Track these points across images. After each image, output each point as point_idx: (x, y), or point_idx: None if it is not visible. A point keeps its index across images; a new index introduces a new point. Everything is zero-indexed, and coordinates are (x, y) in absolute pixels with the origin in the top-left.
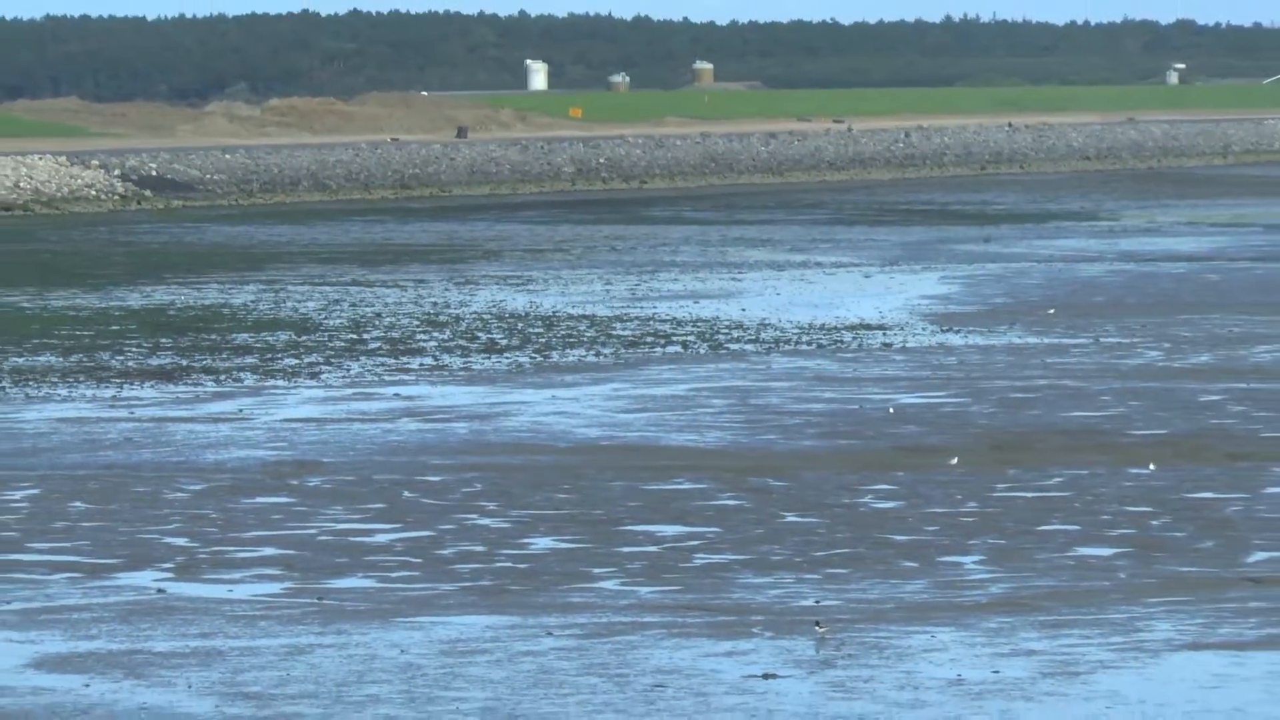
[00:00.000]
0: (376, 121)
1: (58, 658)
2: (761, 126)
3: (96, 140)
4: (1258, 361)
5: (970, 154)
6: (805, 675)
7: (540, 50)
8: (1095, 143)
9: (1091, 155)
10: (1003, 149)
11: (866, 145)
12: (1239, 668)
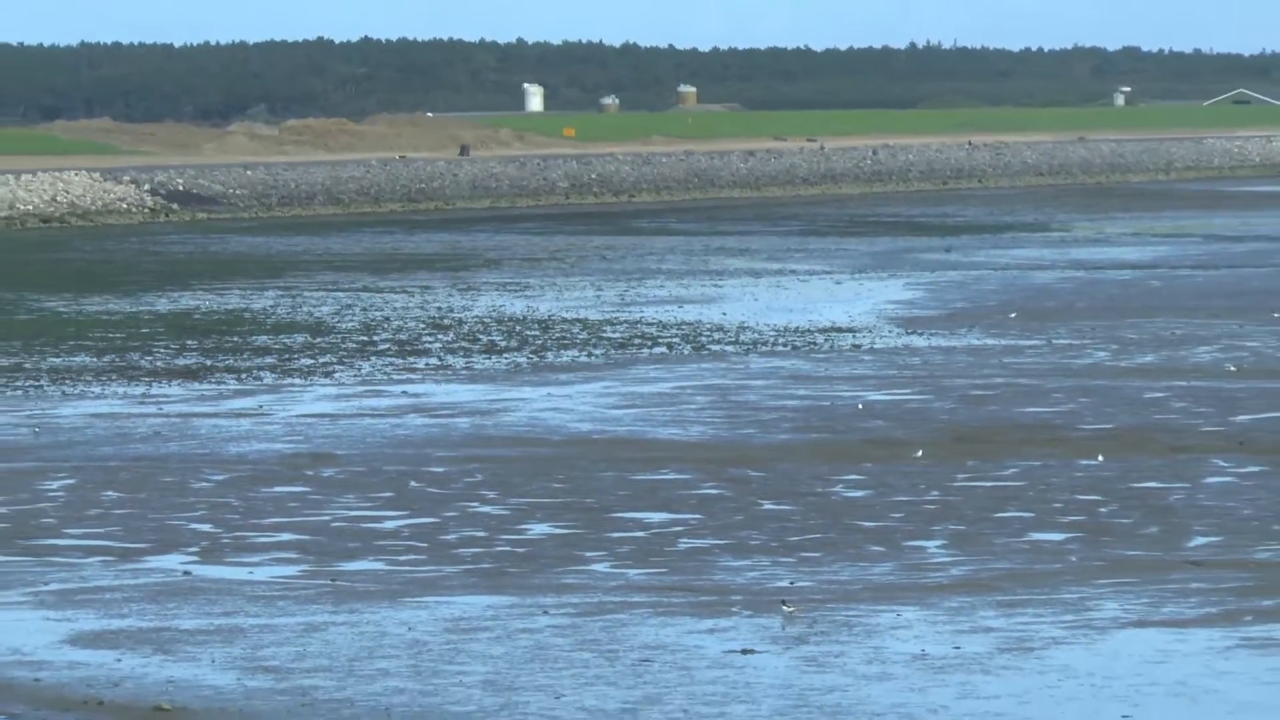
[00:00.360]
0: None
1: (91, 634)
2: (741, 145)
3: (127, 158)
4: (1198, 361)
5: (933, 170)
6: (781, 651)
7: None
8: (1048, 160)
9: (1044, 171)
10: (963, 166)
11: (837, 162)
12: (1181, 644)
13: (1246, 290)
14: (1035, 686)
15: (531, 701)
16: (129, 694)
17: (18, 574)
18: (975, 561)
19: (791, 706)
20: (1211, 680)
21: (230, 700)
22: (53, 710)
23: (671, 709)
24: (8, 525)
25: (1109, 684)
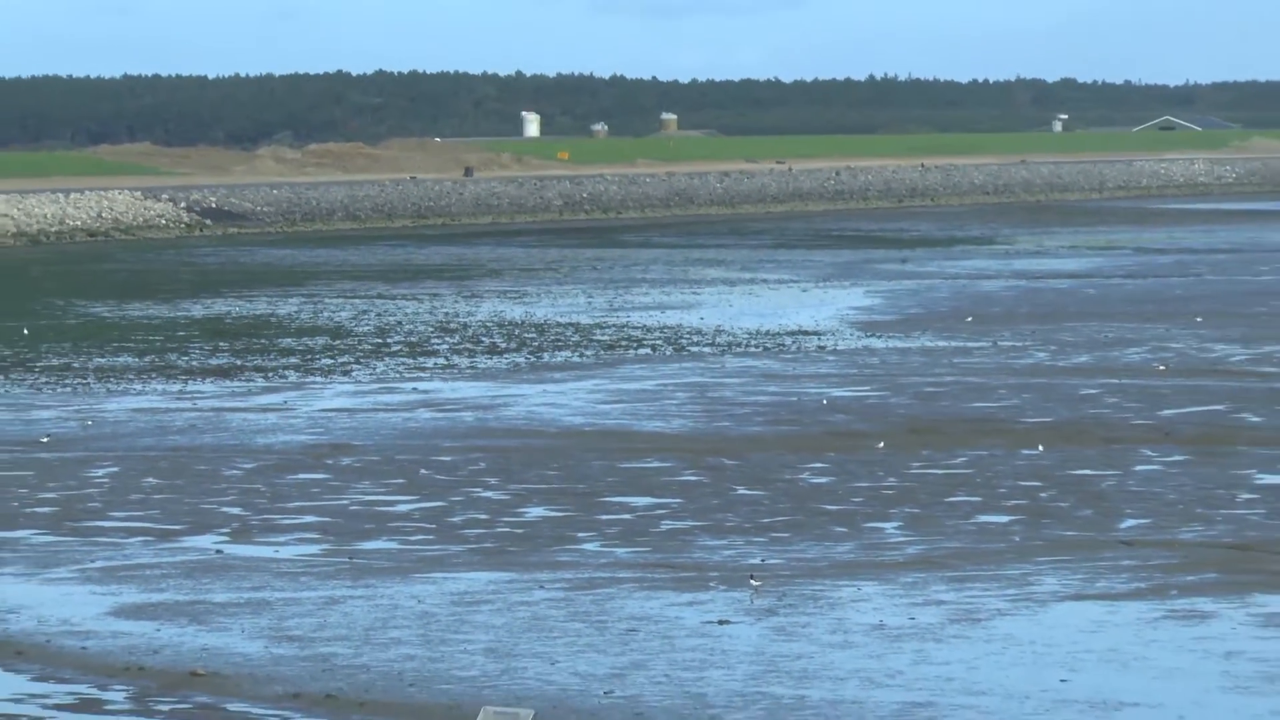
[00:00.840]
0: (398, 163)
1: (133, 607)
2: (717, 167)
3: (165, 178)
4: (1128, 361)
5: (890, 189)
6: (753, 622)
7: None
8: (993, 180)
9: (990, 191)
10: (917, 185)
11: (804, 182)
12: (1113, 615)
13: (1172, 297)
14: (982, 654)
15: (529, 667)
16: (167, 660)
17: (67, 553)
18: (928, 541)
19: (763, 671)
20: (1140, 648)
21: (258, 666)
22: (98, 675)
23: (655, 674)
24: (58, 509)
25: (1048, 651)
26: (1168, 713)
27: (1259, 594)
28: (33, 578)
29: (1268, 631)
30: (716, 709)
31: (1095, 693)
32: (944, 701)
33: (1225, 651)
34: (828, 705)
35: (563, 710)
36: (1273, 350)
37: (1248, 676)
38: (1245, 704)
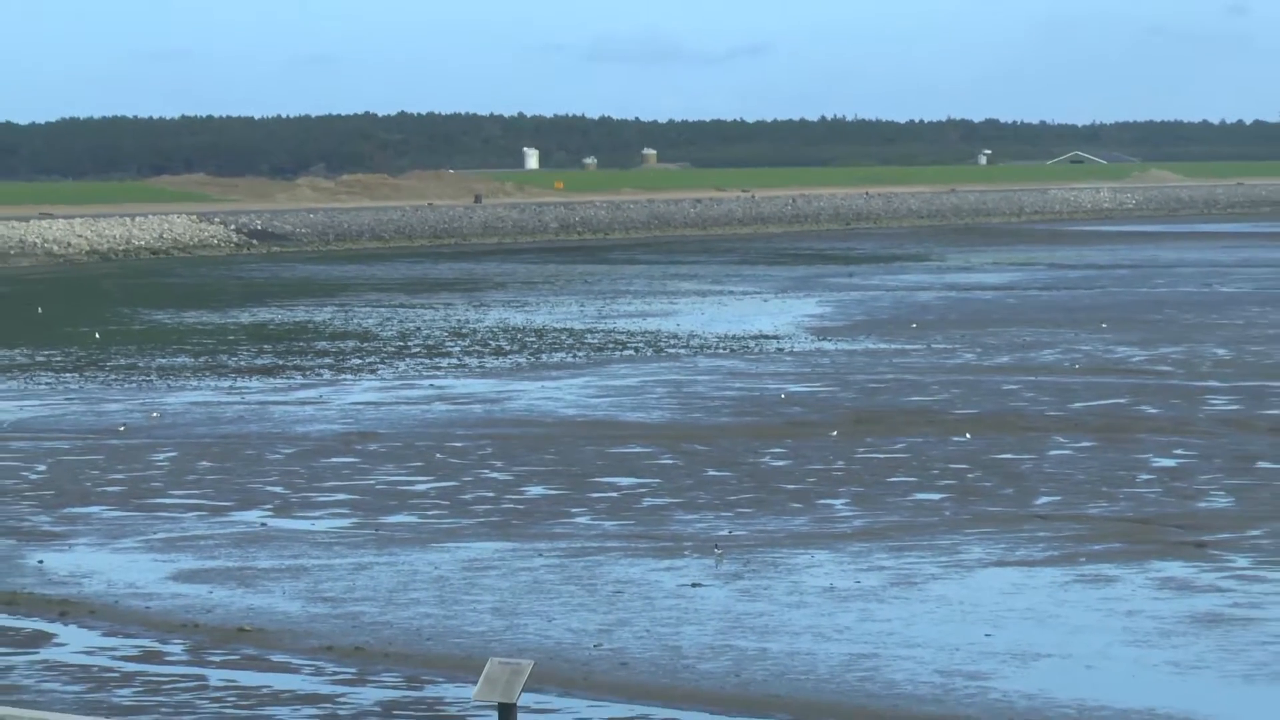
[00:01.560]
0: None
1: (190, 572)
2: (690, 194)
3: (217, 204)
4: (1043, 361)
5: (839, 214)
6: (722, 585)
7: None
8: (927, 206)
9: (925, 215)
10: (862, 210)
11: (765, 208)
12: (1030, 579)
13: (1080, 306)
14: (918, 612)
15: (529, 623)
16: (218, 618)
17: (132, 526)
18: (872, 515)
19: (729, 627)
20: (1054, 607)
21: (297, 623)
22: (160, 631)
23: (637, 629)
24: (125, 488)
25: (975, 610)
26: (1077, 663)
27: (1156, 561)
28: (103, 547)
29: (1163, 593)
30: (690, 659)
31: (1015, 646)
32: (885, 653)
33: (1127, 610)
34: (785, 656)
35: (559, 661)
36: (1167, 351)
37: (1146, 632)
38: (1144, 655)
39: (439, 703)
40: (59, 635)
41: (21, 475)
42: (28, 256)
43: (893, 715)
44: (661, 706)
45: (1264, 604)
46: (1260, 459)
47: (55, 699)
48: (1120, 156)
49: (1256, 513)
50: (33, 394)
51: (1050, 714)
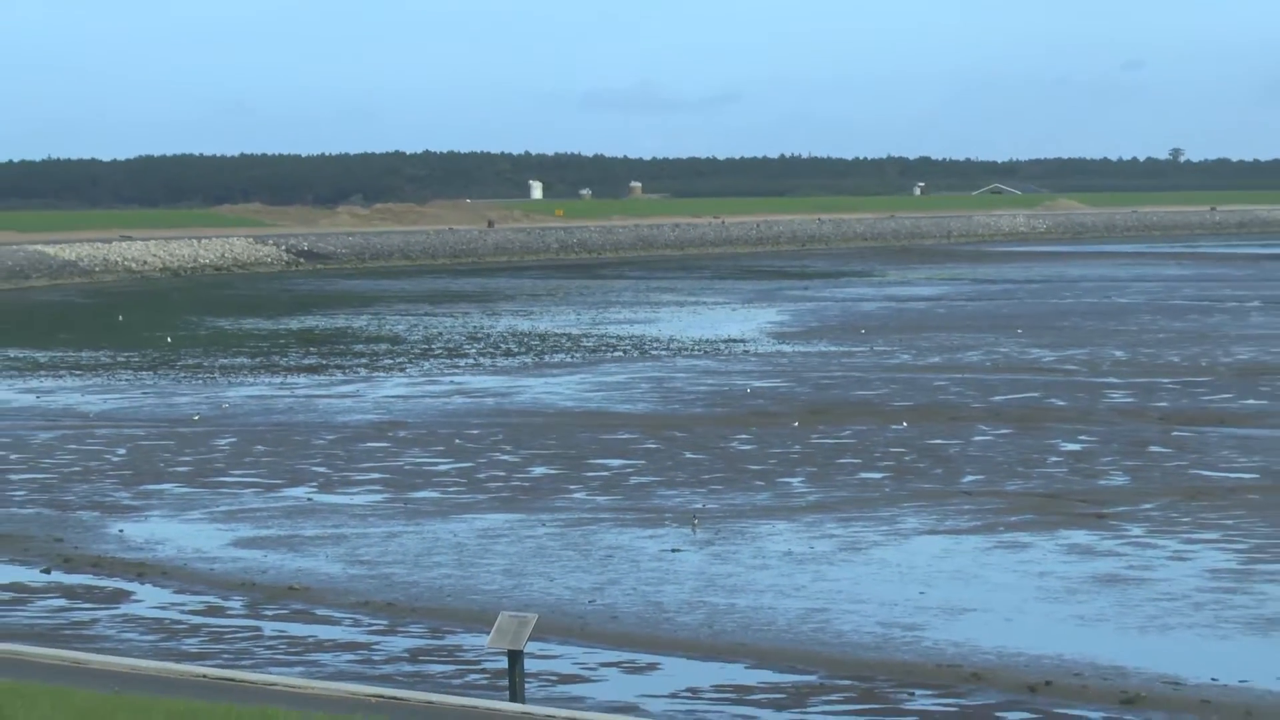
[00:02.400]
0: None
1: (247, 539)
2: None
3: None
4: (968, 361)
5: (796, 236)
6: (697, 550)
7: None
8: (870, 230)
9: (868, 237)
10: (815, 233)
11: (734, 231)
12: (957, 545)
13: (999, 315)
14: (862, 573)
15: (534, 583)
16: (271, 578)
17: (198, 500)
18: (823, 491)
19: (704, 586)
20: (977, 569)
21: (338, 582)
22: (222, 589)
23: (625, 587)
24: (192, 468)
25: (910, 571)
26: (997, 615)
27: (1063, 530)
28: (174, 518)
29: (1069, 557)
30: (670, 613)
31: (944, 601)
32: (835, 608)
33: (1039, 572)
34: (751, 610)
35: (559, 615)
36: (1073, 353)
37: (1054, 590)
38: (1053, 609)
39: (458, 649)
40: (136, 593)
41: (105, 457)
42: (110, 273)
43: (841, 660)
44: (646, 653)
45: (1154, 566)
46: (1151, 444)
47: (133, 646)
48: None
49: (1148, 489)
50: (114, 389)
51: (974, 659)
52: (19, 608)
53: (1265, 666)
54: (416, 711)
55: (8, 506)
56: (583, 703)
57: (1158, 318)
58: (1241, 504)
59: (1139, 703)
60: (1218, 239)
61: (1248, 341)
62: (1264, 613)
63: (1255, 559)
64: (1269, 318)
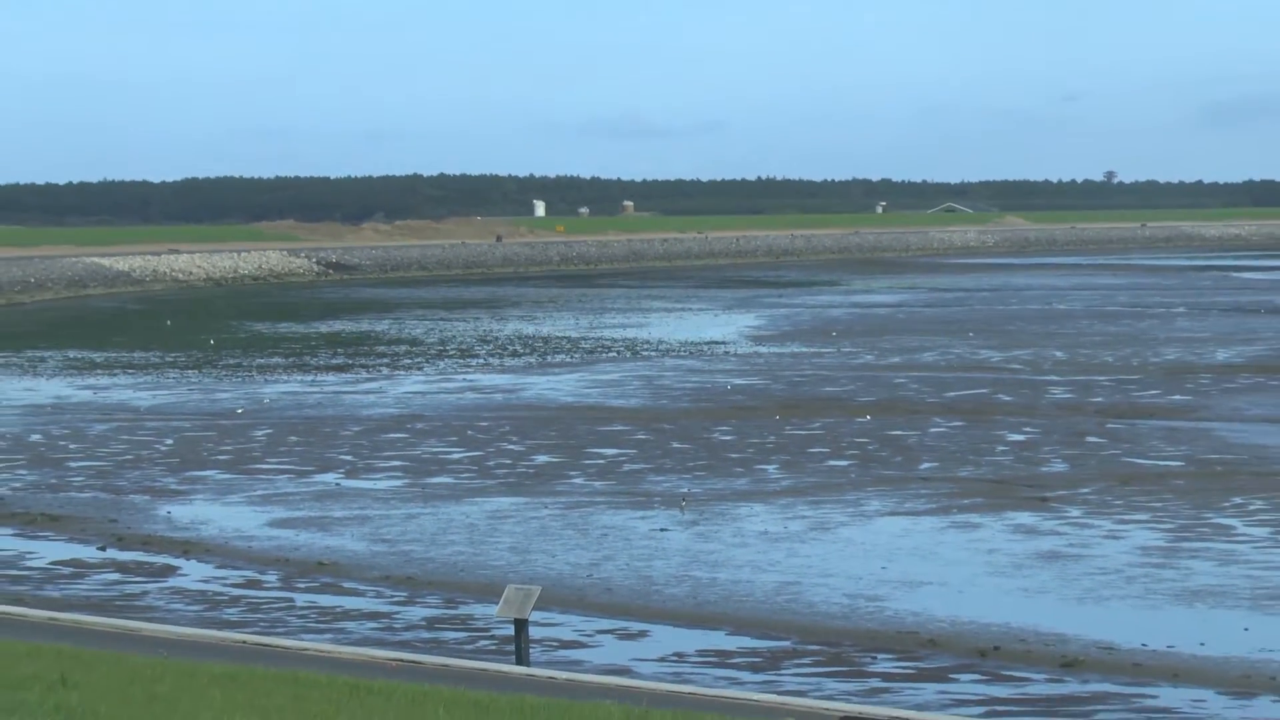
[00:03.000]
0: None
1: (281, 520)
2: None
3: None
4: (925, 360)
5: (771, 250)
6: (684, 530)
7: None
8: (838, 244)
9: (835, 251)
10: (788, 247)
11: (715, 245)
12: (916, 525)
13: (953, 320)
14: (831, 550)
15: (538, 558)
16: (302, 555)
17: (237, 485)
18: (796, 477)
19: (689, 561)
20: (933, 546)
21: (362, 559)
22: (259, 564)
23: (619, 563)
24: (232, 456)
25: (874, 548)
26: (951, 588)
27: (1010, 512)
28: (216, 501)
29: (1015, 536)
30: (659, 586)
31: (904, 575)
32: (806, 581)
33: (988, 549)
34: (731, 583)
35: (560, 587)
36: (1019, 354)
37: (1002, 565)
38: (1001, 583)
39: (470, 618)
40: (182, 568)
41: (154, 447)
42: (159, 282)
43: (812, 628)
44: (638, 621)
45: (1091, 544)
46: (1088, 435)
47: (179, 615)
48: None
49: (1085, 475)
50: (163, 386)
51: (931, 627)
52: (78, 581)
53: (1190, 633)
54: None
55: (68, 491)
56: (581, 665)
57: (1094, 322)
58: (1169, 489)
59: (1077, 666)
60: (1147, 252)
61: (1174, 343)
62: (1189, 585)
63: (1181, 537)
64: (1193, 322)
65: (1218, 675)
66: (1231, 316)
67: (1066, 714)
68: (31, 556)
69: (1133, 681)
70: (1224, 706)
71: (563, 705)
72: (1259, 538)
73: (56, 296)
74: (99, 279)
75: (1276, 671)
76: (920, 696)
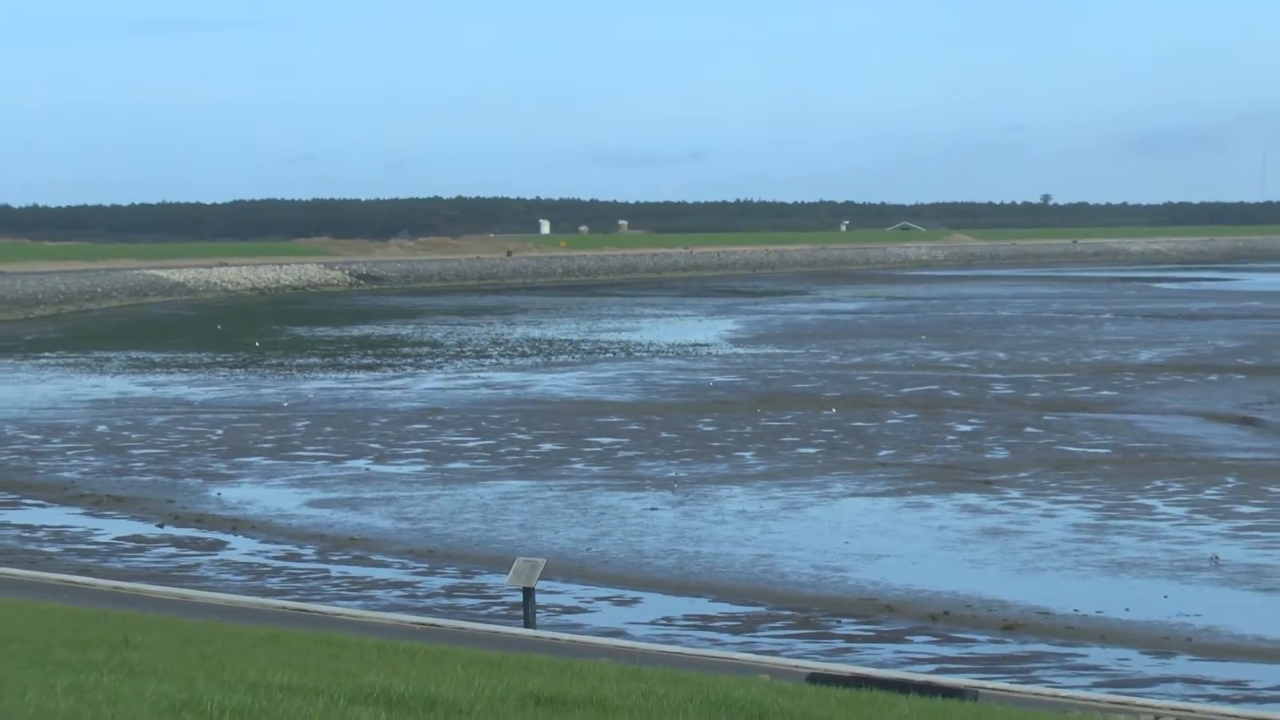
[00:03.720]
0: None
1: (318, 500)
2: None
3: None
4: (883, 360)
5: (748, 264)
6: (671, 508)
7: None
8: (807, 258)
9: (805, 264)
10: (763, 261)
11: (700, 259)
12: (875, 505)
13: (908, 325)
14: (800, 527)
15: (543, 535)
16: (336, 531)
17: (279, 469)
18: (770, 463)
19: (676, 537)
20: (891, 524)
21: (389, 535)
22: (298, 540)
23: (615, 539)
24: (275, 445)
25: (838, 526)
26: (906, 560)
27: (958, 493)
28: (260, 484)
29: (963, 515)
30: (649, 558)
31: (865, 549)
32: (779, 554)
33: (939, 526)
34: (713, 556)
35: (562, 560)
36: (965, 354)
37: (951, 540)
38: (950, 555)
39: (484, 587)
40: (231, 542)
41: (206, 436)
42: (211, 292)
43: (784, 594)
44: (631, 589)
45: (1029, 522)
46: (1027, 426)
47: (228, 584)
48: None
49: (1024, 461)
50: (214, 383)
51: (888, 594)
52: (139, 554)
53: (1116, 600)
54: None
55: (130, 475)
56: (581, 628)
57: (1031, 327)
58: (1097, 473)
59: (1017, 629)
60: (1079, 266)
61: (1102, 345)
62: (1115, 558)
63: (1109, 516)
64: (1119, 327)
65: (1141, 637)
66: (1153, 322)
67: (1008, 671)
68: (98, 533)
69: (1066, 642)
70: (1146, 664)
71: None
72: (1177, 516)
73: (120, 304)
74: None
75: (1192, 634)
76: (879, 655)
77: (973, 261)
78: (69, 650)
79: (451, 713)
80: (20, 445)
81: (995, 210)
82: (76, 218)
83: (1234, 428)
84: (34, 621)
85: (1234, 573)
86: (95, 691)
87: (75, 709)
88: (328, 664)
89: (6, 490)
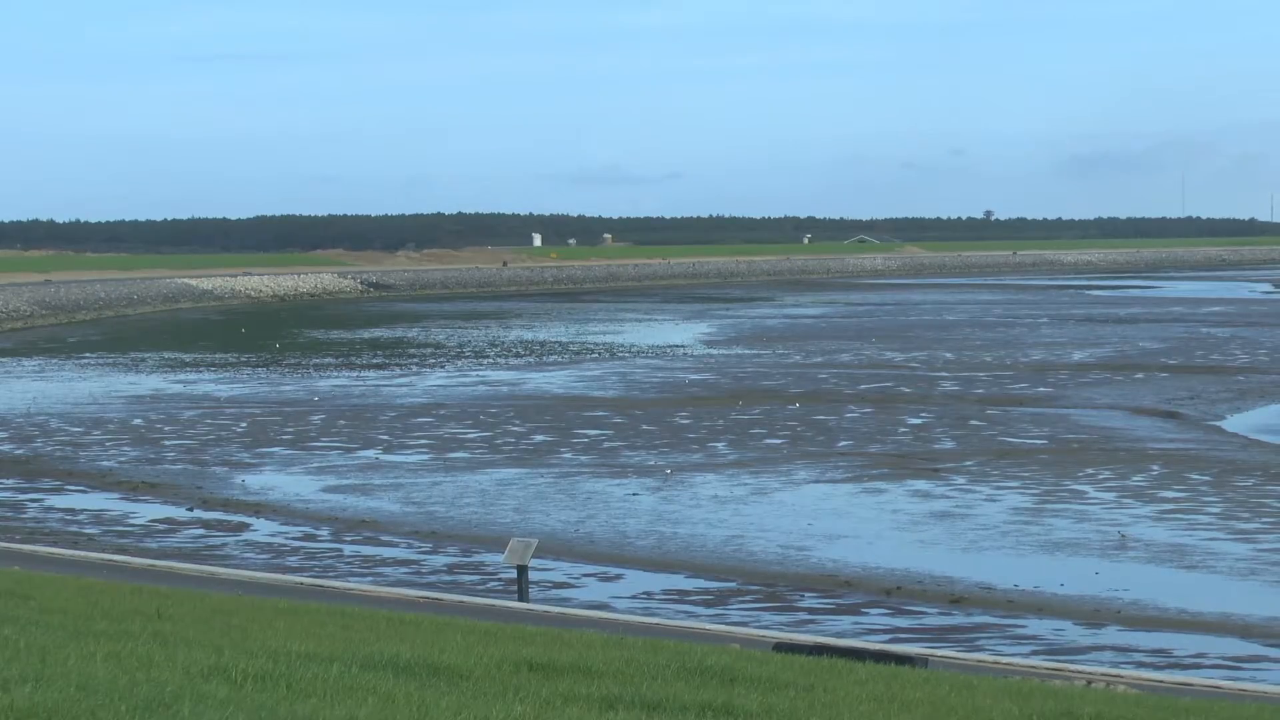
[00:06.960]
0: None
1: (333, 486)
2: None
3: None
4: (842, 360)
5: (720, 273)
6: (651, 493)
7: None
8: (773, 268)
9: (771, 274)
10: (734, 271)
11: (676, 269)
12: (835, 490)
13: (864, 328)
14: (767, 510)
15: (536, 517)
16: (349, 514)
17: (297, 459)
18: (740, 453)
19: (655, 519)
20: (849, 507)
21: (397, 517)
22: (314, 522)
23: (600, 521)
24: (293, 436)
25: (801, 509)
26: (863, 540)
27: (909, 480)
28: (280, 472)
29: (914, 499)
30: (631, 538)
31: (826, 530)
32: (749, 535)
33: (892, 510)
34: (689, 537)
35: (553, 540)
36: (916, 355)
37: (904, 522)
38: (903, 536)
39: (482, 565)
40: (253, 525)
41: (231, 429)
42: (236, 299)
43: (753, 571)
44: (615, 567)
45: (974, 505)
46: (971, 419)
47: (251, 562)
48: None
49: (969, 451)
50: (239, 380)
51: (847, 571)
52: (171, 535)
53: (1052, 577)
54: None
55: (163, 464)
56: (570, 602)
57: (976, 330)
58: (1035, 462)
59: (963, 602)
60: (1018, 274)
61: (1039, 347)
62: (1051, 539)
63: (1045, 501)
64: (1054, 330)
65: (1075, 609)
66: (1084, 326)
67: (955, 641)
68: (134, 516)
69: (1007, 614)
70: (1079, 634)
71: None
72: (1107, 500)
73: (154, 310)
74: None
75: (1121, 606)
76: (839, 626)
77: (922, 271)
78: (108, 622)
79: (454, 678)
80: (64, 437)
81: (943, 225)
82: (115, 232)
83: (1158, 421)
84: (76, 596)
85: (1158, 551)
86: (131, 659)
87: (113, 674)
88: (341, 634)
89: (51, 477)
